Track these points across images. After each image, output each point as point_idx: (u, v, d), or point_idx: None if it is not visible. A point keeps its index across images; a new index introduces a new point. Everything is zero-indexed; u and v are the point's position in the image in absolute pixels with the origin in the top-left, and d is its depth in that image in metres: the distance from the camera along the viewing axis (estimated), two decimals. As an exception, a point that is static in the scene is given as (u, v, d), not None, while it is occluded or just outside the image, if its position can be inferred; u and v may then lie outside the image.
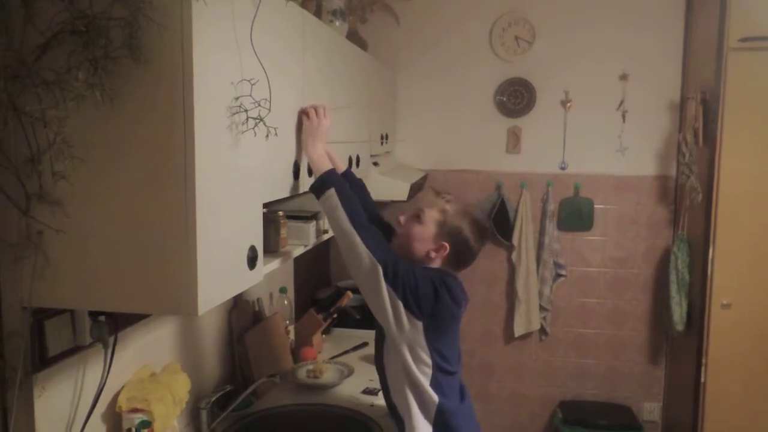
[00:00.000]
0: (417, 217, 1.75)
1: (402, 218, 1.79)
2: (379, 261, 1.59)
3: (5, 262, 1.19)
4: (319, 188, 1.65)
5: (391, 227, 1.89)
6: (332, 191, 1.62)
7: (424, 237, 1.73)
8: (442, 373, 1.70)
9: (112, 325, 1.47)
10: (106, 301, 1.19)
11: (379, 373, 1.81)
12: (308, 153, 1.70)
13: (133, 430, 1.54)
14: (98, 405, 1.50)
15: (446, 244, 1.72)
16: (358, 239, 1.59)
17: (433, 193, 1.80)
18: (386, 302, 1.61)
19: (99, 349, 1.48)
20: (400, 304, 1.61)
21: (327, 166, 1.68)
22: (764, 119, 2.83)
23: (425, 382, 1.68)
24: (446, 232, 1.72)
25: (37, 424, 1.30)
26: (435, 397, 1.68)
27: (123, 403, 1.56)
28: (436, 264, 1.75)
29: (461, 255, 1.75)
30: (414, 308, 1.61)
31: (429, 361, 1.67)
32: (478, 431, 1.85)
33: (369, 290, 1.63)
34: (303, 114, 1.70)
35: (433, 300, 1.63)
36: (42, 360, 1.32)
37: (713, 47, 2.86)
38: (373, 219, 1.84)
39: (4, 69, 1.06)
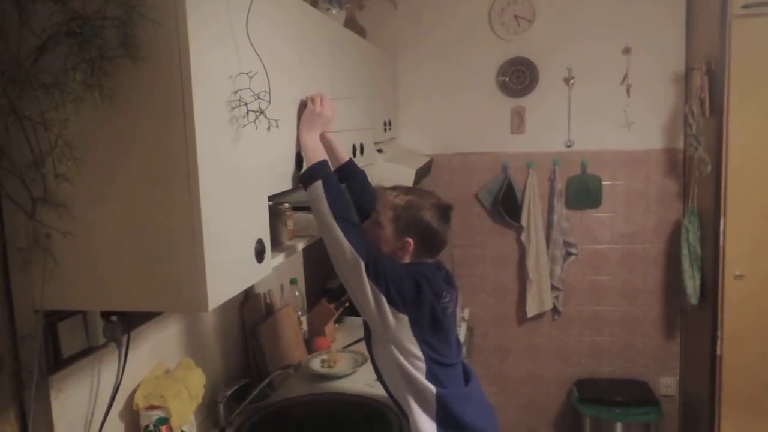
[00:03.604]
0: (376, 222, 1.73)
1: (365, 225, 1.76)
2: (361, 256, 1.58)
3: (15, 266, 1.20)
4: (307, 179, 1.61)
5: None
6: (319, 183, 1.59)
7: (387, 238, 1.71)
8: (437, 365, 1.68)
9: (125, 324, 1.48)
10: (117, 300, 1.19)
11: (374, 369, 1.80)
12: (302, 139, 1.65)
13: (151, 426, 1.56)
14: (115, 404, 1.51)
15: (409, 239, 1.70)
16: (340, 233, 1.57)
17: (382, 191, 1.77)
18: (369, 297, 1.60)
19: (113, 348, 1.49)
20: (384, 299, 1.60)
21: (319, 156, 1.64)
22: (771, 86, 2.79)
23: (419, 375, 1.66)
24: (404, 226, 1.70)
25: (55, 425, 1.32)
26: (432, 388, 1.66)
27: (140, 401, 1.58)
28: (407, 259, 1.73)
29: (428, 241, 1.72)
30: (398, 302, 1.60)
31: (420, 354, 1.65)
32: (488, 411, 1.82)
33: (352, 285, 1.62)
34: (308, 100, 1.67)
35: (415, 292, 1.62)
36: (57, 362, 1.34)
37: (716, 15, 2.82)
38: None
39: (2, 74, 1.06)
